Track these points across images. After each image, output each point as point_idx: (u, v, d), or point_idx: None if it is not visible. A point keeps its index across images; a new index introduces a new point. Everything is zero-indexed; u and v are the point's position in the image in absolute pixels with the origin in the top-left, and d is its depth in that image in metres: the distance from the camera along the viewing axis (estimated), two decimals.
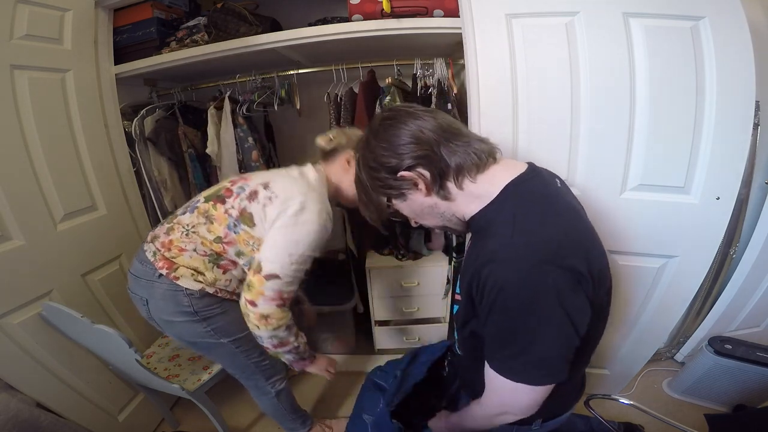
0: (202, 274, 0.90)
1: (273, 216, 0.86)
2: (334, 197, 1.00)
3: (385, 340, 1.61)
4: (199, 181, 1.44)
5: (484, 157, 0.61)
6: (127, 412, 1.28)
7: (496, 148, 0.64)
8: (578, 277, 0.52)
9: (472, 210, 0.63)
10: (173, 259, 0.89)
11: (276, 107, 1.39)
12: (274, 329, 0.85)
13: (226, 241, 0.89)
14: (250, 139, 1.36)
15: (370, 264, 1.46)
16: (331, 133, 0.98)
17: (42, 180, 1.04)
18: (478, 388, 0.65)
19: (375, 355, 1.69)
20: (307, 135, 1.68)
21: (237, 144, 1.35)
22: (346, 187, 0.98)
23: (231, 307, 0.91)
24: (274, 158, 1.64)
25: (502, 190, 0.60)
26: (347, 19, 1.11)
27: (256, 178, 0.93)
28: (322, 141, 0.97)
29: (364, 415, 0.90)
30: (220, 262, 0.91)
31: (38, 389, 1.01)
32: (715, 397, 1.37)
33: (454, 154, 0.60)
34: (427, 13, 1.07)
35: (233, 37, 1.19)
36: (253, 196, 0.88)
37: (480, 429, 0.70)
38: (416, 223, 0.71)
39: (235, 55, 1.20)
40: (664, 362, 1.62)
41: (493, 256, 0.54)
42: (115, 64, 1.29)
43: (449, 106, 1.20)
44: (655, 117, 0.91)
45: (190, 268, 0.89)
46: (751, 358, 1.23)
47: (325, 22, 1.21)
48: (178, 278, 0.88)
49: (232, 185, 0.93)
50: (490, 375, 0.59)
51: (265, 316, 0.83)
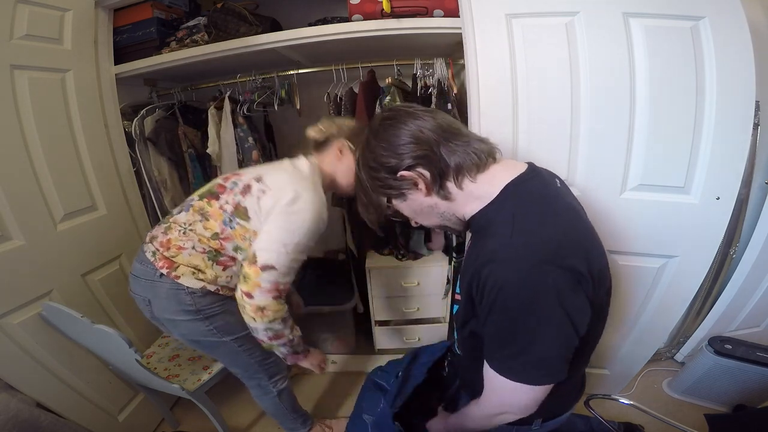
0: (203, 272, 0.90)
1: (267, 207, 0.86)
2: (329, 187, 1.00)
3: (385, 340, 1.61)
4: (199, 181, 1.44)
5: (484, 157, 0.61)
6: (127, 412, 1.29)
7: (495, 148, 0.65)
8: (578, 277, 0.52)
9: (472, 210, 0.63)
10: (173, 258, 0.89)
11: (276, 107, 1.39)
12: (270, 321, 0.85)
13: (222, 237, 0.89)
14: (251, 139, 1.36)
15: (370, 264, 1.46)
16: (321, 124, 0.98)
17: (42, 180, 1.04)
18: (477, 388, 0.65)
19: (375, 355, 1.68)
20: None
21: (237, 144, 1.35)
22: (340, 175, 0.98)
23: (233, 306, 0.91)
24: (274, 158, 1.64)
25: (502, 190, 0.60)
26: (347, 19, 1.11)
27: (248, 173, 0.93)
28: (313, 132, 0.97)
29: (364, 415, 0.90)
30: (219, 259, 0.91)
31: (38, 389, 1.01)
32: (715, 397, 1.37)
33: (454, 154, 0.60)
34: (427, 13, 1.07)
35: (233, 37, 1.19)
36: (247, 190, 0.89)
37: (479, 429, 0.70)
38: (416, 223, 0.71)
39: (235, 55, 1.20)
40: (664, 362, 1.62)
41: (493, 256, 0.54)
42: (115, 64, 1.29)
43: (449, 106, 1.20)
44: (655, 117, 0.91)
45: (190, 267, 0.89)
46: (751, 358, 1.23)
47: (325, 22, 1.21)
48: (179, 277, 0.88)
49: (225, 181, 0.93)
50: (490, 375, 0.59)
51: (262, 308, 0.83)
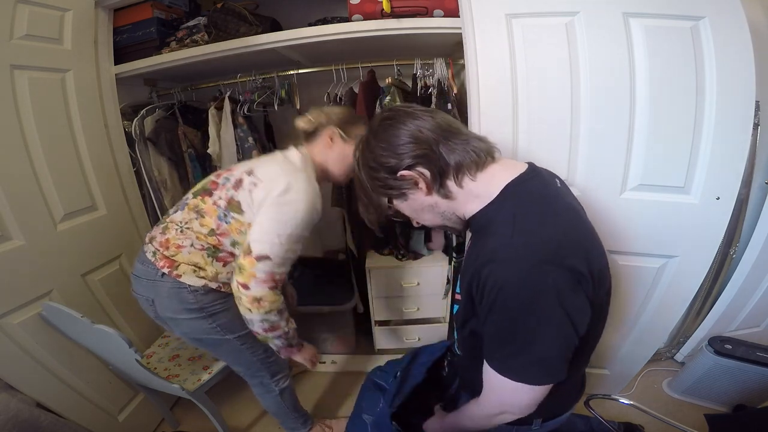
0: (203, 270, 0.91)
1: (260, 199, 0.86)
2: (323, 176, 0.99)
3: (385, 340, 1.61)
4: (199, 181, 1.43)
5: (483, 156, 0.61)
6: (127, 412, 1.29)
7: (494, 147, 0.65)
8: (578, 277, 0.52)
9: (472, 209, 0.63)
10: (173, 257, 0.90)
11: (276, 107, 1.39)
12: (266, 312, 0.85)
13: (219, 232, 0.90)
14: (251, 139, 1.36)
15: (370, 264, 1.46)
16: (310, 114, 0.98)
17: (42, 180, 1.04)
18: (477, 388, 0.65)
19: (375, 355, 1.68)
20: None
21: (237, 144, 1.35)
22: (332, 163, 0.98)
23: (235, 304, 0.92)
24: None
25: (502, 190, 0.60)
26: (347, 19, 1.11)
27: (240, 167, 0.94)
28: (302, 122, 0.97)
29: (364, 415, 0.90)
30: (219, 255, 0.92)
31: (38, 389, 1.01)
32: (715, 397, 1.37)
33: (453, 152, 0.60)
34: (427, 13, 1.07)
35: (233, 37, 1.19)
36: (239, 184, 0.89)
37: (478, 428, 0.70)
38: (418, 223, 0.71)
39: (235, 55, 1.20)
40: (664, 362, 1.62)
41: (493, 256, 0.54)
42: (115, 64, 1.29)
43: (449, 106, 1.20)
44: (655, 117, 0.91)
45: (190, 265, 0.90)
46: (751, 358, 1.23)
47: (325, 22, 1.21)
48: (180, 276, 0.89)
49: (217, 178, 0.94)
50: (489, 374, 0.59)
51: (258, 299, 0.83)
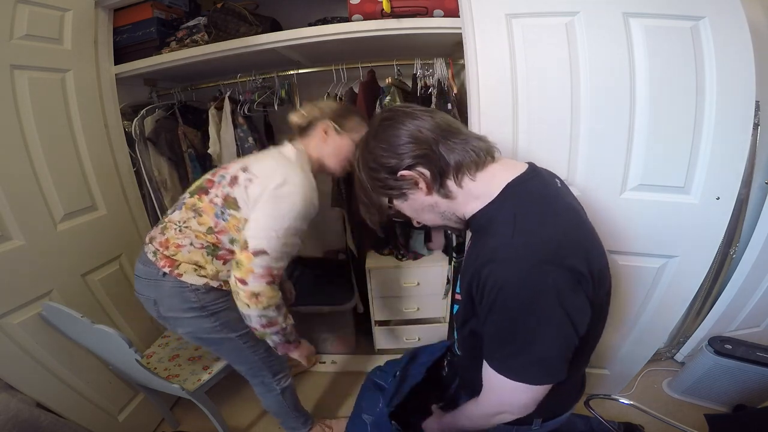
0: (204, 268, 0.91)
1: (256, 195, 0.86)
2: (319, 170, 0.99)
3: (385, 340, 1.61)
4: None
5: (483, 155, 0.61)
6: (127, 412, 1.28)
7: (494, 147, 0.65)
8: (578, 277, 0.52)
9: (472, 209, 0.63)
10: (173, 257, 0.91)
11: (276, 107, 1.39)
12: (264, 308, 0.85)
13: (217, 230, 0.90)
14: (251, 139, 1.36)
15: (370, 264, 1.46)
16: (303, 109, 0.98)
17: (42, 180, 1.04)
18: (477, 388, 0.65)
19: (375, 355, 1.69)
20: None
21: (237, 144, 1.35)
22: (327, 157, 0.98)
23: None
24: None
25: (503, 189, 0.60)
26: (347, 19, 1.11)
27: (235, 164, 0.94)
28: (296, 117, 0.97)
29: (364, 415, 0.90)
30: (218, 253, 0.92)
31: (38, 389, 1.01)
32: (715, 397, 1.37)
33: (453, 152, 0.60)
34: (427, 13, 1.07)
35: (233, 37, 1.19)
36: (234, 180, 0.90)
37: (476, 428, 0.70)
38: (418, 223, 0.71)
39: (235, 55, 1.20)
40: (664, 362, 1.62)
41: (494, 256, 0.54)
42: (115, 64, 1.29)
43: (449, 106, 1.20)
44: (655, 117, 0.91)
45: (191, 264, 0.91)
46: (751, 358, 1.23)
47: (325, 22, 1.21)
48: (181, 275, 0.89)
49: (213, 176, 0.95)
50: (489, 374, 0.59)
51: (256, 294, 0.83)
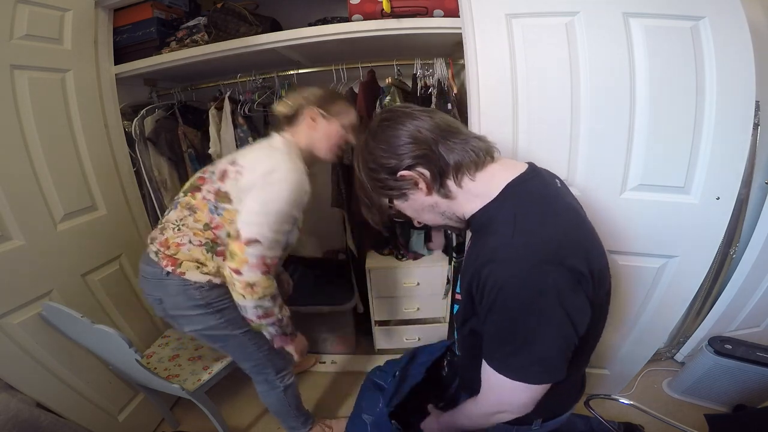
0: (205, 265, 0.92)
1: (246, 185, 0.87)
2: (310, 158, 0.99)
3: (385, 340, 1.61)
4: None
5: (482, 155, 0.61)
6: (127, 412, 1.28)
7: (493, 147, 0.65)
8: (578, 277, 0.52)
9: (472, 209, 0.63)
10: (175, 256, 0.92)
11: None
12: (260, 298, 0.85)
13: (213, 226, 0.91)
14: (251, 140, 1.36)
15: (370, 264, 1.46)
16: (288, 98, 0.98)
17: (42, 180, 1.04)
18: (477, 387, 0.65)
19: (375, 355, 1.69)
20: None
21: (237, 144, 1.35)
22: (317, 143, 0.98)
23: None
24: None
25: (503, 189, 0.60)
26: (347, 19, 1.11)
27: (224, 160, 0.95)
28: (281, 107, 0.98)
29: (364, 415, 0.90)
30: (218, 249, 0.92)
31: (38, 389, 1.01)
32: (715, 397, 1.37)
33: (452, 152, 0.60)
34: (427, 13, 1.07)
35: (233, 37, 1.19)
36: (224, 175, 0.90)
37: (475, 427, 0.70)
38: (419, 223, 0.71)
39: (235, 55, 1.20)
40: (664, 362, 1.62)
41: (494, 256, 0.54)
42: (115, 64, 1.29)
43: (449, 106, 1.20)
44: (655, 117, 0.91)
45: (192, 261, 0.91)
46: (751, 358, 1.23)
47: (325, 22, 1.21)
48: (184, 273, 0.90)
49: (204, 173, 0.96)
50: (488, 373, 0.59)
51: (251, 284, 0.83)
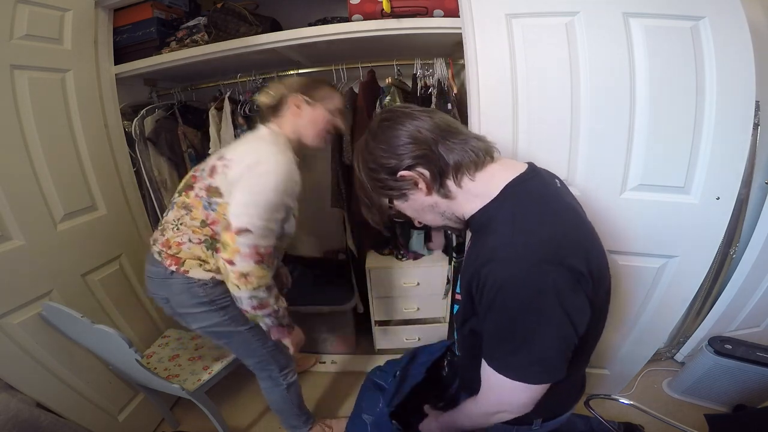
0: (207, 263, 0.93)
1: (235, 176, 0.87)
2: (298, 146, 0.98)
3: (385, 340, 1.61)
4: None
5: (482, 155, 0.61)
6: (127, 412, 1.28)
7: (493, 147, 0.65)
8: (578, 277, 0.52)
9: (472, 209, 0.63)
10: (177, 255, 0.93)
11: None
12: (254, 288, 0.85)
13: (209, 222, 0.91)
14: None
15: (370, 264, 1.46)
16: (270, 89, 0.98)
17: (42, 180, 1.04)
18: (477, 387, 0.65)
19: (375, 355, 1.69)
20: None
21: None
22: (304, 130, 0.97)
23: None
24: None
25: (502, 189, 0.60)
26: (347, 19, 1.11)
27: (212, 156, 0.95)
28: (264, 98, 0.98)
29: (364, 415, 0.90)
30: (217, 245, 0.93)
31: (38, 389, 1.01)
32: (715, 397, 1.37)
33: (452, 152, 0.60)
34: (427, 13, 1.07)
35: (233, 37, 1.19)
36: (213, 170, 0.91)
37: (475, 427, 0.70)
38: (420, 223, 0.71)
39: (235, 55, 1.20)
40: (664, 362, 1.62)
41: (493, 255, 0.54)
42: (115, 64, 1.29)
43: (449, 106, 1.20)
44: (655, 117, 0.91)
45: (194, 259, 0.92)
46: (751, 358, 1.23)
47: (325, 22, 1.21)
48: (187, 271, 0.91)
49: (195, 171, 0.96)
50: (488, 373, 0.59)
51: (245, 275, 0.83)
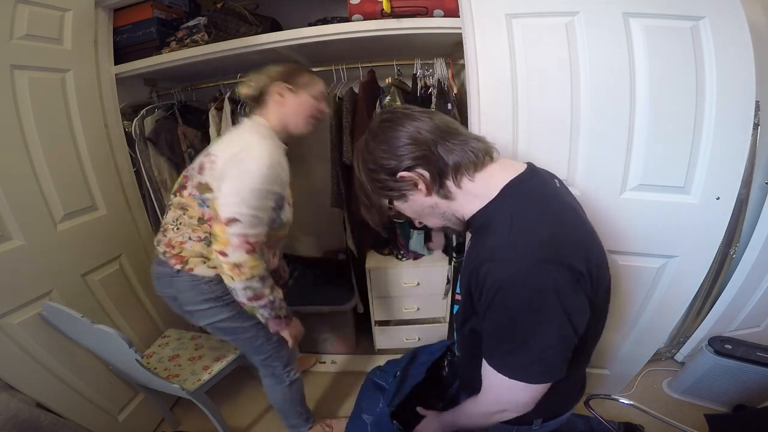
0: (209, 259, 0.94)
1: (220, 170, 0.87)
2: (285, 134, 0.98)
3: (385, 340, 1.61)
4: None
5: (481, 156, 0.61)
6: (127, 412, 1.28)
7: (492, 147, 0.65)
8: (578, 277, 0.52)
9: (471, 209, 0.63)
10: (180, 254, 0.94)
11: None
12: (248, 279, 0.85)
13: (206, 219, 0.92)
14: None
15: (370, 264, 1.46)
16: (250, 80, 0.97)
17: (42, 180, 1.04)
18: (477, 387, 0.65)
19: (375, 355, 1.69)
20: (307, 135, 1.69)
21: None
22: (290, 117, 0.97)
23: None
24: None
25: (501, 190, 0.60)
26: (347, 19, 1.11)
27: (200, 155, 0.96)
28: (245, 89, 0.97)
29: (364, 415, 0.90)
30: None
31: (38, 389, 1.01)
32: (715, 397, 1.37)
33: (452, 153, 0.60)
34: (427, 13, 1.07)
35: (233, 37, 1.19)
36: (201, 167, 0.91)
37: (476, 426, 0.70)
38: (420, 223, 0.71)
39: (235, 55, 1.20)
40: (664, 362, 1.62)
41: (492, 255, 0.54)
42: (115, 64, 1.29)
43: (449, 106, 1.20)
44: (655, 117, 0.91)
45: (198, 257, 0.93)
46: (751, 358, 1.23)
47: (325, 22, 1.21)
48: (192, 269, 0.93)
49: (186, 171, 0.97)
50: (488, 372, 0.59)
51: (238, 265, 0.83)
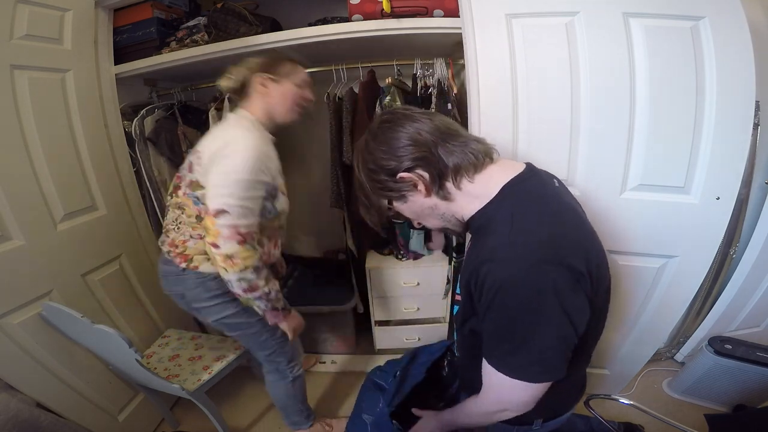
0: None
1: (207, 164, 0.87)
2: (271, 123, 0.98)
3: (385, 340, 1.61)
4: None
5: (481, 157, 0.61)
6: (127, 412, 1.28)
7: (492, 148, 0.65)
8: (577, 276, 0.52)
9: (471, 210, 0.63)
10: (184, 253, 0.95)
11: None
12: (242, 270, 0.85)
13: (203, 216, 0.91)
14: None
15: (370, 264, 1.46)
16: (230, 72, 0.97)
17: (42, 180, 1.04)
18: (477, 387, 0.65)
19: (375, 355, 1.69)
20: (307, 135, 1.70)
21: None
22: (275, 107, 0.96)
23: None
24: None
25: (501, 190, 0.60)
26: (347, 19, 1.11)
27: (189, 154, 0.96)
28: (226, 82, 0.97)
29: (364, 415, 0.90)
30: None
31: (38, 389, 1.01)
32: (715, 397, 1.37)
33: (452, 155, 0.60)
34: (427, 13, 1.07)
35: (233, 37, 1.19)
36: (190, 166, 0.92)
37: (476, 425, 0.70)
38: (419, 224, 0.71)
39: (235, 55, 1.20)
40: (664, 362, 1.62)
41: (492, 255, 0.54)
42: (115, 64, 1.29)
43: (449, 106, 1.20)
44: (655, 117, 0.91)
45: (201, 254, 0.94)
46: (751, 358, 1.23)
47: (325, 22, 1.21)
48: (197, 267, 0.94)
49: (179, 172, 0.98)
50: (488, 372, 0.59)
51: (230, 256, 0.83)
